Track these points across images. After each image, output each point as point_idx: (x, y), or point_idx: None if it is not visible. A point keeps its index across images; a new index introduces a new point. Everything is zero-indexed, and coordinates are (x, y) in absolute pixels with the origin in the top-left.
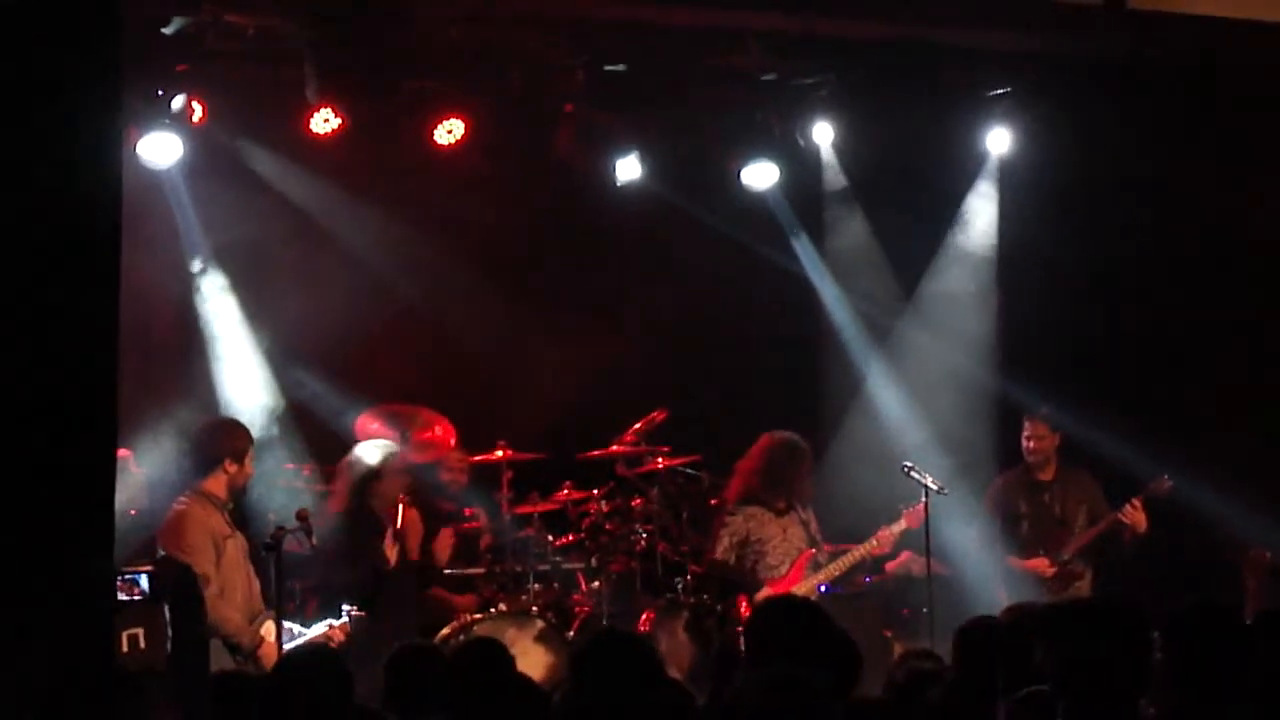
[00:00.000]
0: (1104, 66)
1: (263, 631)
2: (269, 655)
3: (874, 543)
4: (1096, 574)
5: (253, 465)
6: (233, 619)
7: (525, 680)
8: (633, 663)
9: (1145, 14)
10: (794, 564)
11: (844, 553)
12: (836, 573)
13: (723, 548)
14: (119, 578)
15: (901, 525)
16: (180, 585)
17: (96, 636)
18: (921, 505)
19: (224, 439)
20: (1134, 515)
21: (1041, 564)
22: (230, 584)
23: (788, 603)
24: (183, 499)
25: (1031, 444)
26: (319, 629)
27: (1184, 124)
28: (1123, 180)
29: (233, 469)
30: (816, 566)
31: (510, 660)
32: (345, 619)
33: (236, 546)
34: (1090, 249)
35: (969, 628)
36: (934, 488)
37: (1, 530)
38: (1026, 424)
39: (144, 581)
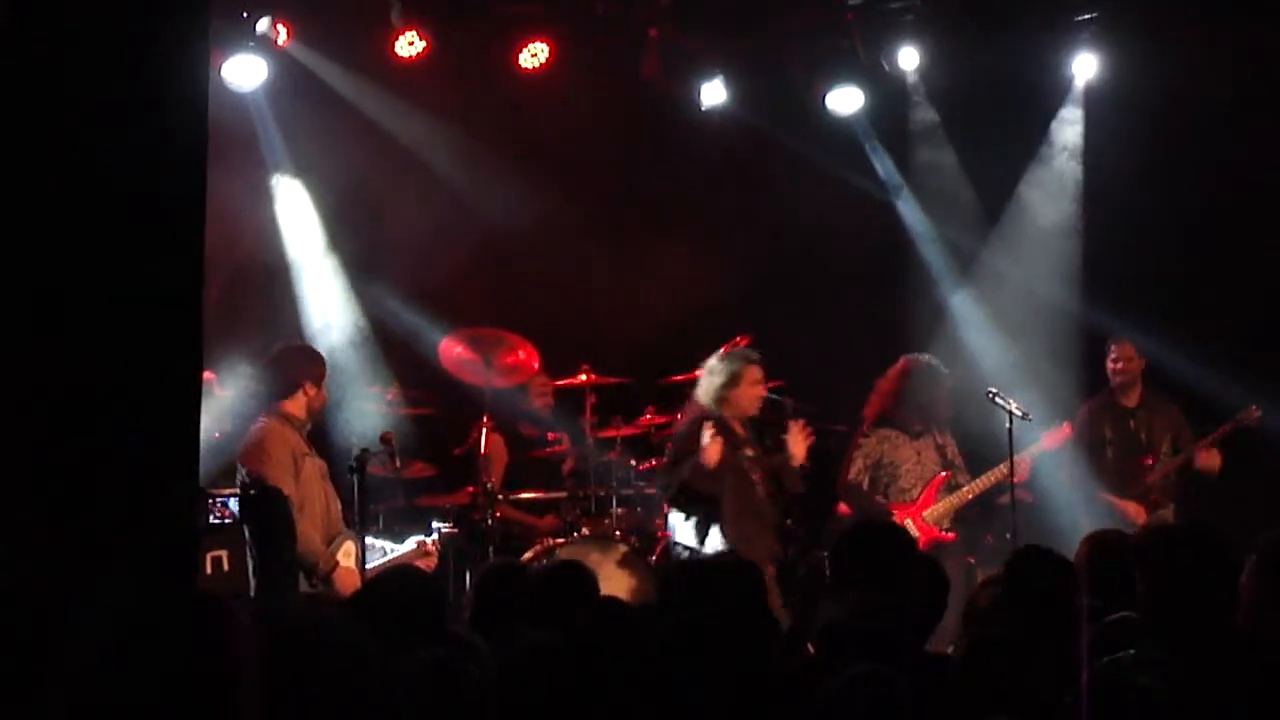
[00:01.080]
0: None
1: (339, 555)
2: (344, 579)
3: (1007, 467)
4: (1178, 506)
5: (326, 390)
6: (310, 536)
7: (615, 603)
8: (726, 584)
9: None
10: (927, 486)
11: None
12: (970, 496)
13: (855, 469)
14: (209, 500)
15: (1040, 446)
16: (269, 508)
17: (182, 559)
18: (1064, 427)
19: (303, 363)
20: (1207, 459)
21: (1134, 508)
22: (309, 500)
23: (873, 527)
24: (263, 418)
25: (1119, 364)
26: (409, 546)
27: (1274, 51)
28: (1210, 108)
29: (311, 392)
30: (951, 489)
31: (596, 584)
32: (435, 535)
33: (314, 466)
34: (1177, 178)
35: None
36: (1018, 413)
37: (87, 453)
38: (1112, 346)
39: (233, 504)
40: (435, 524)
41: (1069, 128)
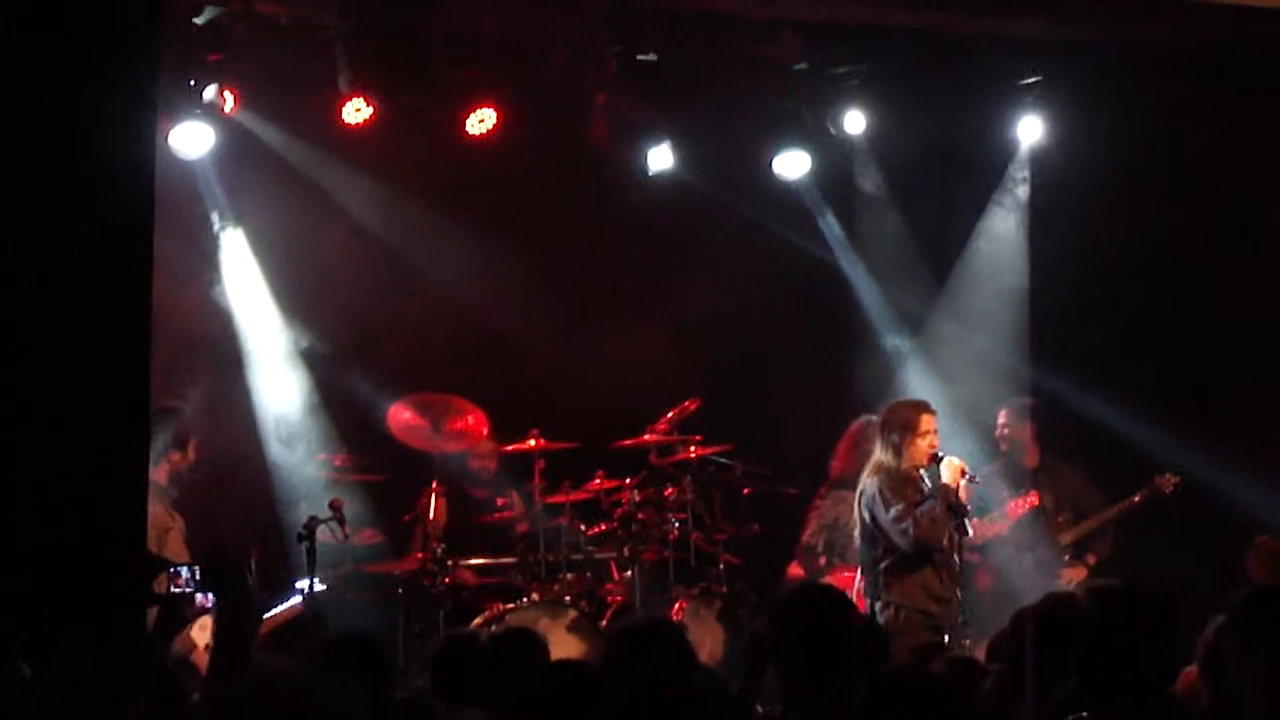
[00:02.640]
0: (1135, 54)
1: (195, 631)
2: (201, 663)
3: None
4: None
5: (194, 452)
6: None
7: (567, 667)
8: (668, 648)
9: (1178, 1)
10: None
11: None
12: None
13: (810, 531)
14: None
15: (1006, 515)
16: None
17: (131, 628)
18: (1031, 495)
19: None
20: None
21: (1079, 573)
22: None
23: (812, 591)
24: None
25: (999, 430)
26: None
27: (1215, 114)
28: (1154, 170)
29: (175, 457)
30: None
31: (547, 651)
32: (300, 597)
33: (178, 537)
34: (1122, 239)
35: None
36: (964, 478)
37: (37, 522)
38: (1000, 412)
39: (185, 572)
40: (300, 584)
41: (1015, 190)
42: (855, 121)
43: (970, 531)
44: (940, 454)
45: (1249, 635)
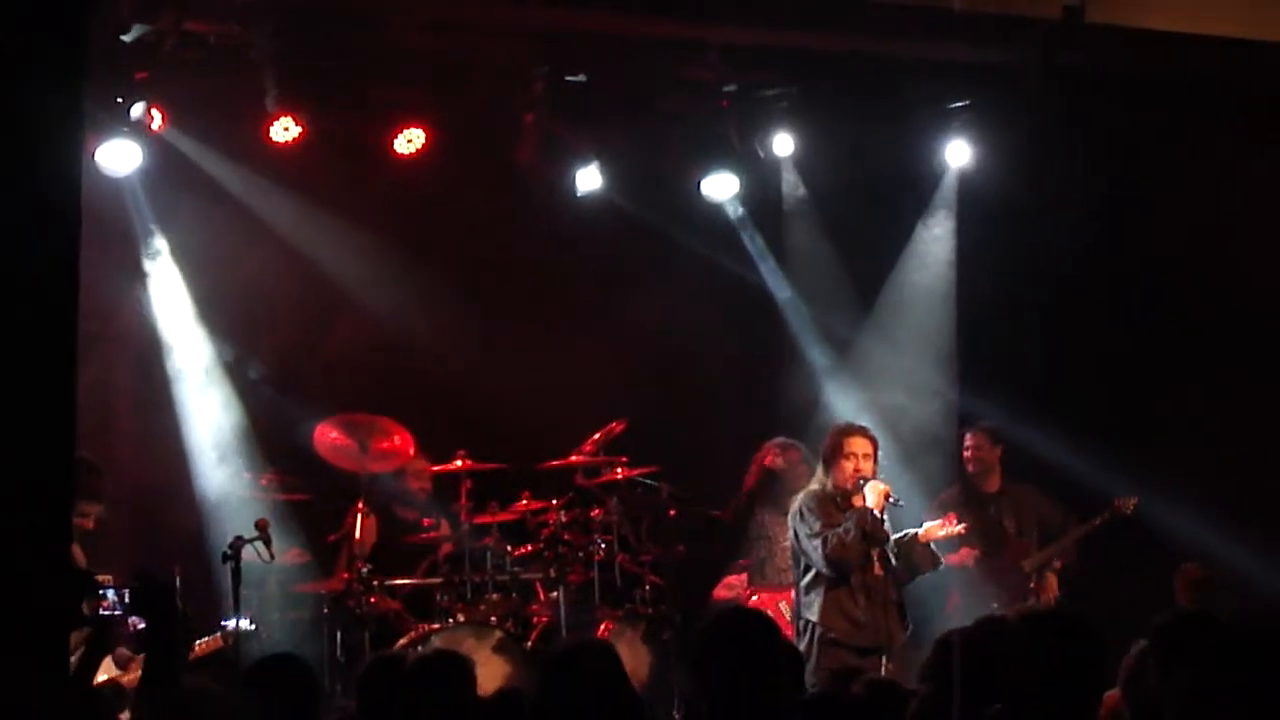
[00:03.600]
0: (1063, 79)
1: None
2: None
3: None
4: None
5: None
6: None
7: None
8: (601, 671)
9: (1104, 27)
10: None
11: None
12: None
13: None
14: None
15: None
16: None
17: (55, 648)
18: (950, 517)
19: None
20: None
21: (966, 555)
22: None
23: (735, 614)
24: None
25: (970, 454)
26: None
27: (1142, 137)
28: (1082, 193)
29: (85, 508)
30: None
31: (472, 673)
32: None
33: None
34: (1049, 261)
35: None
36: (889, 500)
37: None
38: (967, 436)
39: (111, 595)
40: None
41: (943, 214)
42: (784, 144)
43: (891, 559)
44: (864, 478)
45: (1168, 659)
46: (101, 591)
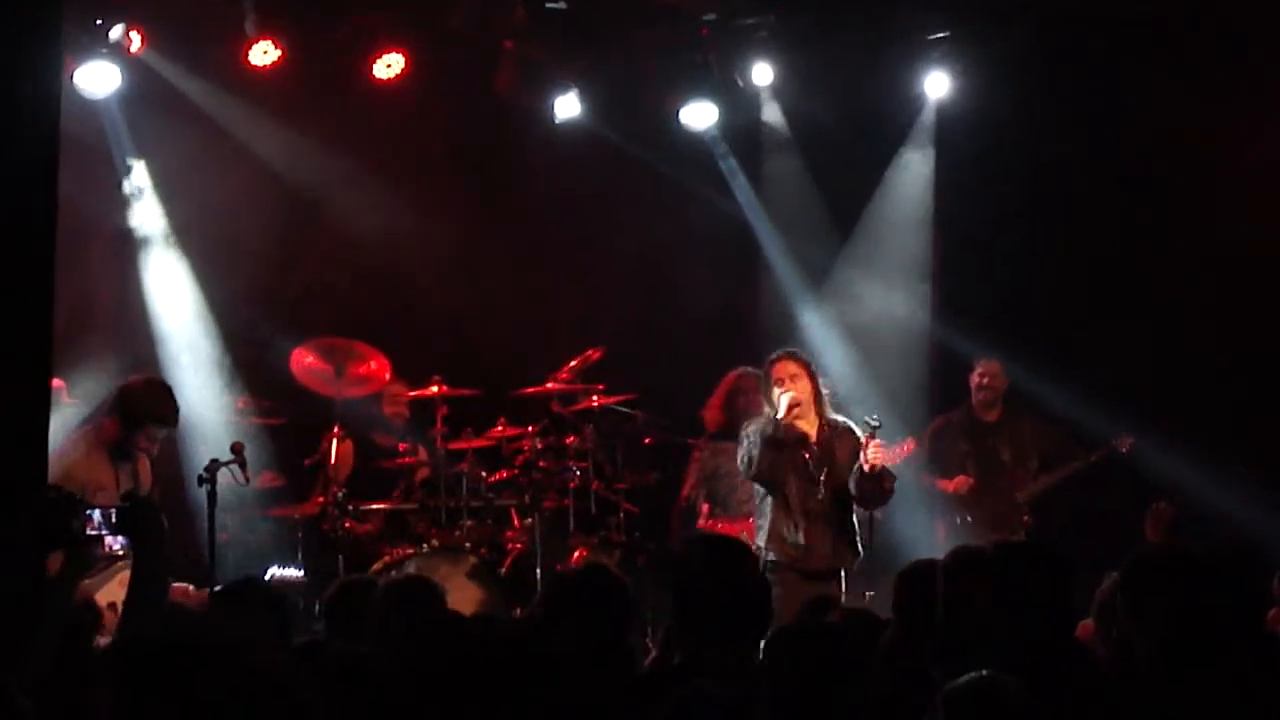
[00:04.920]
0: (1042, 9)
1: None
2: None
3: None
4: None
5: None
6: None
7: (455, 618)
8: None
9: None
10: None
11: None
12: None
13: (689, 486)
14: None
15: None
16: (145, 520)
17: (28, 567)
18: (908, 442)
19: (153, 403)
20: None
21: (961, 482)
22: None
23: (712, 540)
24: (79, 434)
25: (985, 380)
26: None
27: (1122, 68)
28: (1059, 125)
29: (145, 434)
30: None
31: (443, 598)
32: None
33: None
34: (1026, 193)
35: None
36: (873, 422)
37: None
38: (980, 363)
39: (97, 516)
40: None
41: (921, 145)
42: (763, 73)
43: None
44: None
45: (1138, 591)
46: (88, 512)
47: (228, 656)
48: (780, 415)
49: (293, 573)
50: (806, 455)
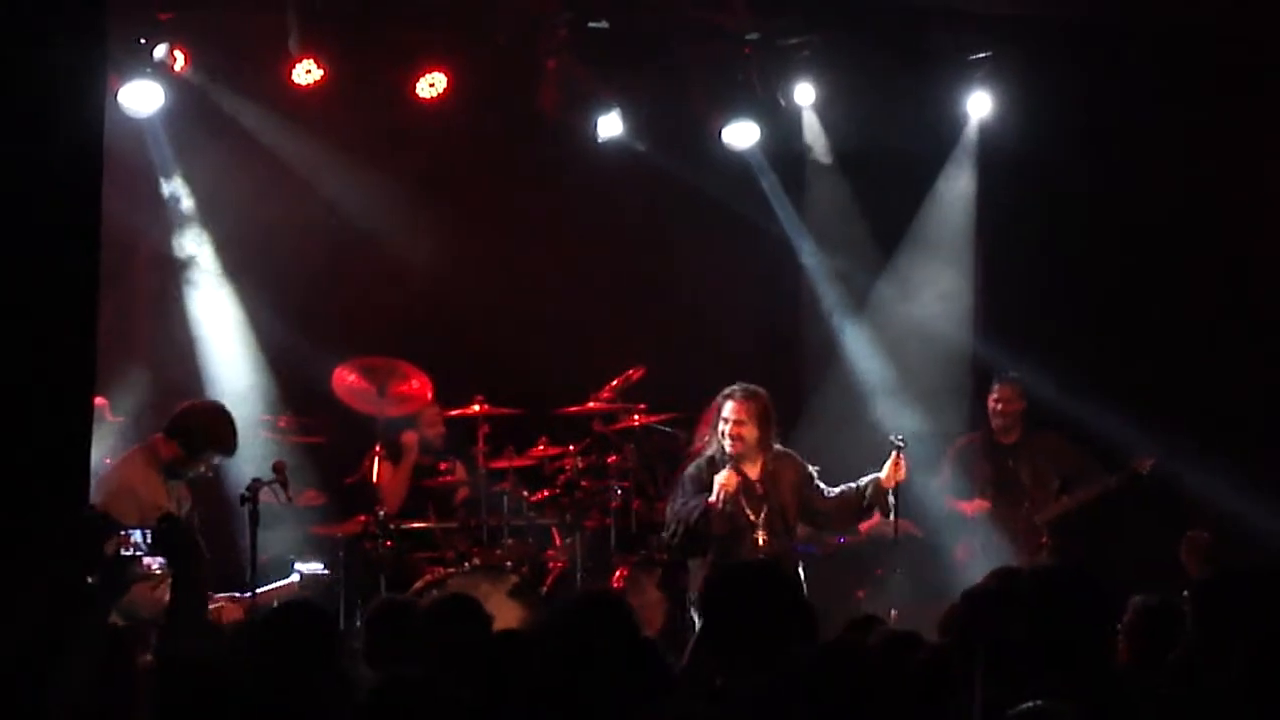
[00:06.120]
0: (1086, 30)
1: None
2: None
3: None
4: (1064, 546)
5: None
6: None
7: (503, 636)
8: (611, 623)
9: None
10: None
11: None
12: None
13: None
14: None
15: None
16: (182, 540)
17: (73, 585)
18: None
19: (217, 430)
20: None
21: (978, 505)
22: None
23: (741, 568)
24: (134, 451)
25: (1000, 406)
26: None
27: (1165, 90)
28: (1102, 146)
29: (205, 460)
30: None
31: (486, 617)
32: (296, 577)
33: None
34: (1068, 215)
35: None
36: (898, 442)
37: None
38: (996, 386)
39: (136, 535)
40: (297, 566)
41: (963, 164)
42: (805, 93)
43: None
44: (727, 455)
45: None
46: (124, 531)
47: (264, 680)
48: (712, 498)
49: (317, 568)
50: (750, 515)
